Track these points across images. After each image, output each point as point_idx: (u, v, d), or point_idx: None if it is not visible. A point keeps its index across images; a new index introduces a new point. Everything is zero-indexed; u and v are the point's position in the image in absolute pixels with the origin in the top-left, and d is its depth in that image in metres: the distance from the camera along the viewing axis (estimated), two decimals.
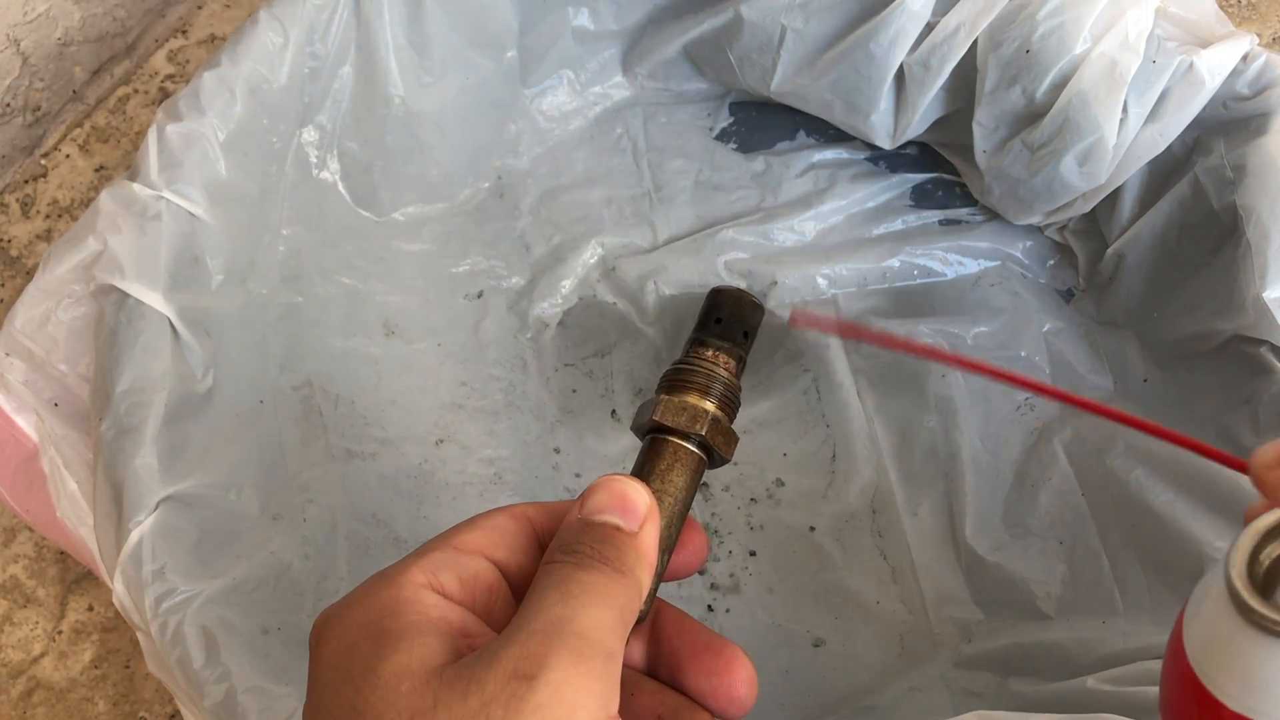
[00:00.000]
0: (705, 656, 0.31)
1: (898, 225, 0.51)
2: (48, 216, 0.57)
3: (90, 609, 0.49)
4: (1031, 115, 0.45)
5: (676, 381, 0.37)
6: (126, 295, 0.40)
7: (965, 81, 0.46)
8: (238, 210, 0.44)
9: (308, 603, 0.41)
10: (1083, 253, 0.49)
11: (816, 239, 0.51)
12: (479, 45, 0.50)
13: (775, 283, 0.49)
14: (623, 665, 0.26)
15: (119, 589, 0.37)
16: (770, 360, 0.49)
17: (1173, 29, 0.42)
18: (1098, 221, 0.48)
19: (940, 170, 0.52)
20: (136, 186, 0.41)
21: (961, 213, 0.51)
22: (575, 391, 0.50)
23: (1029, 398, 0.47)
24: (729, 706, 0.30)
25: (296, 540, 0.42)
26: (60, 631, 0.49)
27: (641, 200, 0.52)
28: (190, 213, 0.42)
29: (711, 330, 0.41)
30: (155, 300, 0.40)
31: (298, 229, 0.48)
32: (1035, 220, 0.49)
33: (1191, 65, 0.41)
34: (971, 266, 0.50)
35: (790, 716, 0.43)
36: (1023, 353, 0.48)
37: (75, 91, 0.58)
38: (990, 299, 0.49)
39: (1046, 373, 0.48)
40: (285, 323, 0.47)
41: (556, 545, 0.28)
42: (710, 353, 0.39)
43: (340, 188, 0.49)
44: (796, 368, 0.49)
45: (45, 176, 0.58)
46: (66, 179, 0.58)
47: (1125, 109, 0.42)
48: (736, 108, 0.54)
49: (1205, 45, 0.42)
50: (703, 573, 0.46)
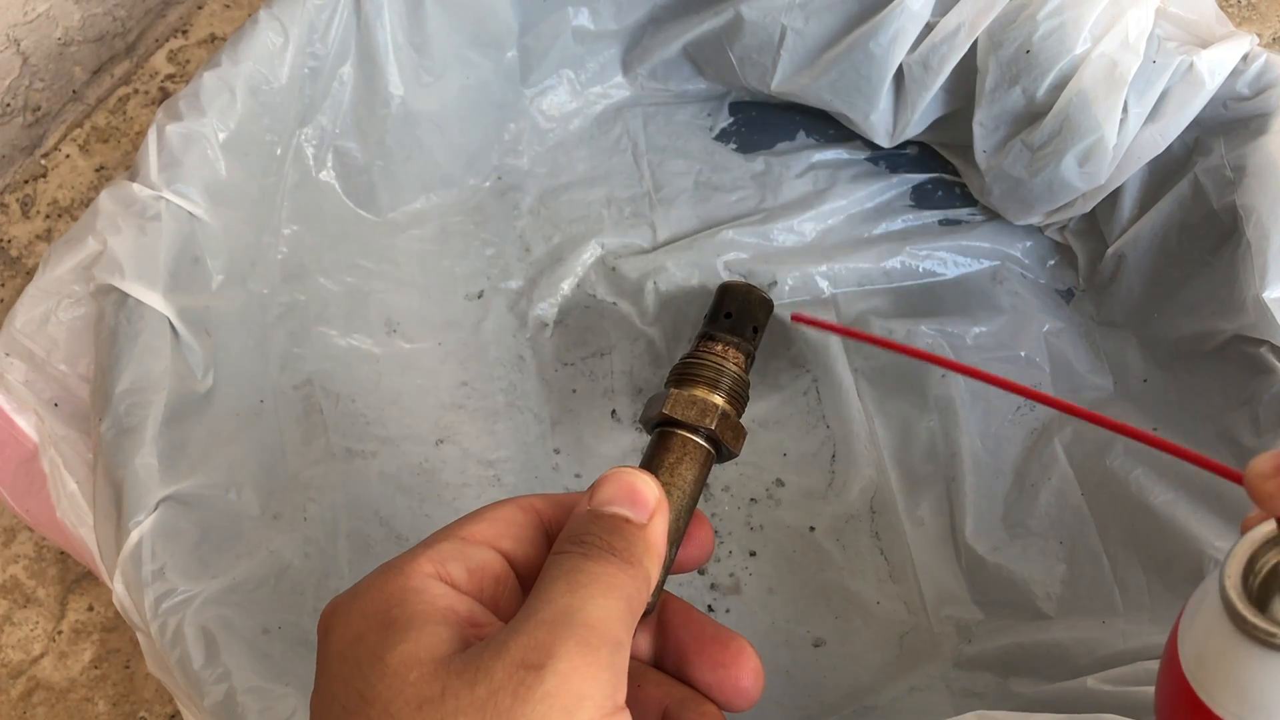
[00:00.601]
0: (712, 648, 0.31)
1: (898, 225, 0.51)
2: (48, 216, 0.57)
3: (90, 609, 0.49)
4: (1032, 115, 0.45)
5: (686, 375, 0.37)
6: (126, 295, 0.40)
7: (965, 81, 0.46)
8: (238, 210, 0.44)
9: (308, 602, 0.41)
10: (1083, 253, 0.49)
11: (816, 239, 0.51)
12: (479, 45, 0.50)
13: (775, 283, 0.49)
14: (630, 657, 0.26)
15: (119, 589, 0.37)
16: (770, 360, 0.49)
17: (1173, 29, 0.42)
18: (1098, 221, 0.48)
19: (940, 170, 0.52)
20: (136, 186, 0.41)
21: (961, 213, 0.51)
22: (575, 391, 0.50)
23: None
24: (735, 698, 0.31)
25: (297, 540, 0.42)
26: (60, 631, 0.49)
27: (641, 200, 0.52)
28: (190, 213, 0.42)
29: (721, 325, 0.41)
30: (155, 300, 0.40)
31: (298, 228, 0.48)
32: (1035, 220, 0.49)
33: (1191, 65, 0.41)
34: (971, 266, 0.50)
35: (790, 716, 0.43)
36: (1023, 353, 0.48)
37: (75, 91, 0.58)
38: (990, 299, 0.49)
39: (1046, 372, 0.48)
40: (286, 322, 0.47)
41: (565, 536, 0.28)
42: (720, 347, 0.39)
43: (340, 188, 0.49)
44: (796, 368, 0.49)
45: (45, 176, 0.58)
46: (66, 179, 0.58)
47: (1125, 109, 0.42)
48: (736, 108, 0.54)
49: (1205, 45, 0.42)
50: (702, 573, 0.46)
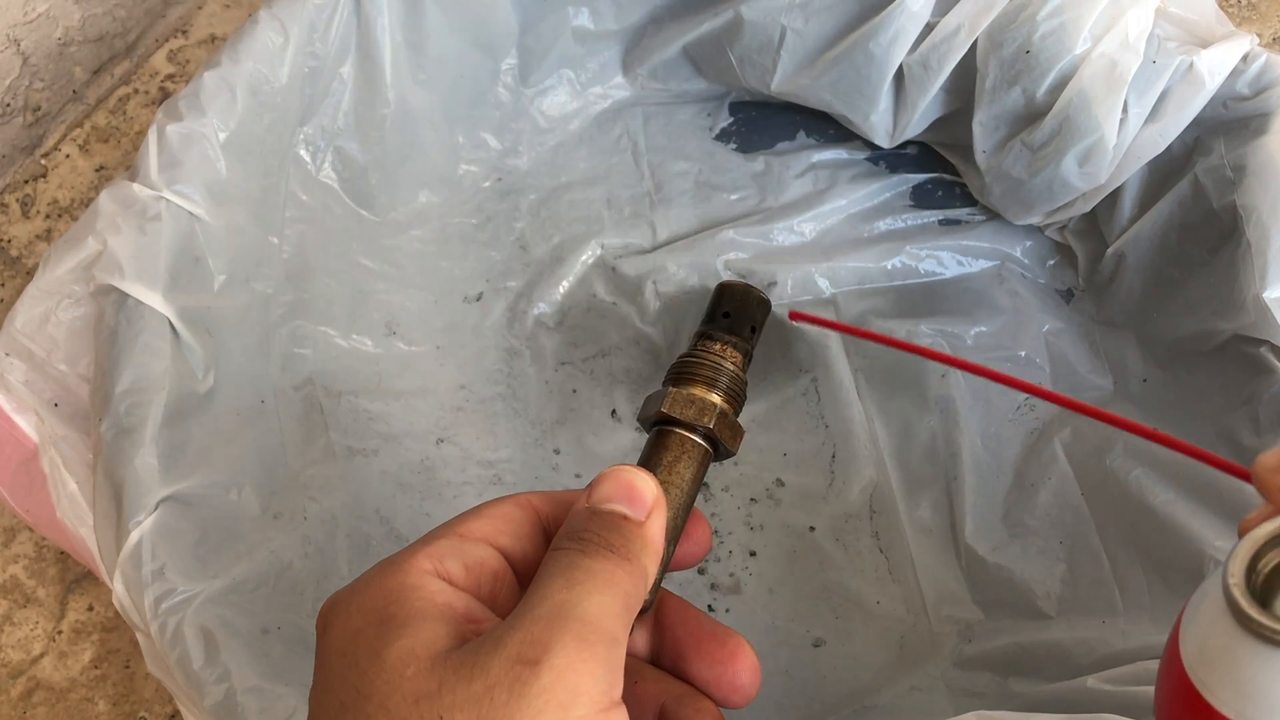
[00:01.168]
0: (709, 645, 0.31)
1: (898, 225, 0.51)
2: (48, 216, 0.57)
3: (90, 609, 0.49)
4: (1031, 115, 0.45)
5: (684, 374, 0.37)
6: (126, 295, 0.40)
7: (965, 81, 0.46)
8: (239, 210, 0.44)
9: (308, 602, 0.41)
10: (1083, 253, 0.49)
11: (816, 239, 0.51)
12: (479, 45, 0.50)
13: (775, 283, 0.49)
14: (627, 654, 0.26)
15: (119, 589, 0.37)
16: (770, 360, 0.49)
17: (1173, 29, 0.42)
18: (1098, 221, 0.48)
19: (940, 170, 0.52)
20: (136, 186, 0.41)
21: (961, 213, 0.51)
22: (575, 391, 0.50)
23: (1029, 398, 0.47)
24: (732, 694, 0.31)
25: (297, 539, 0.42)
26: (60, 631, 0.49)
27: (641, 200, 0.52)
28: (190, 213, 0.42)
29: (719, 324, 0.41)
30: (155, 300, 0.40)
31: (299, 228, 0.48)
32: (1035, 220, 0.49)
33: (1191, 65, 0.41)
34: (971, 266, 0.50)
35: (790, 716, 0.43)
36: (1023, 353, 0.48)
37: (75, 91, 0.58)
38: (990, 299, 0.49)
39: (1046, 372, 0.48)
40: (287, 322, 0.47)
41: (563, 533, 0.28)
42: (718, 346, 0.39)
43: (341, 187, 0.49)
44: (796, 368, 0.49)
45: (45, 176, 0.58)
46: (66, 179, 0.58)
47: (1125, 109, 0.42)
48: (736, 108, 0.54)
49: (1205, 45, 0.42)
50: (702, 572, 0.46)
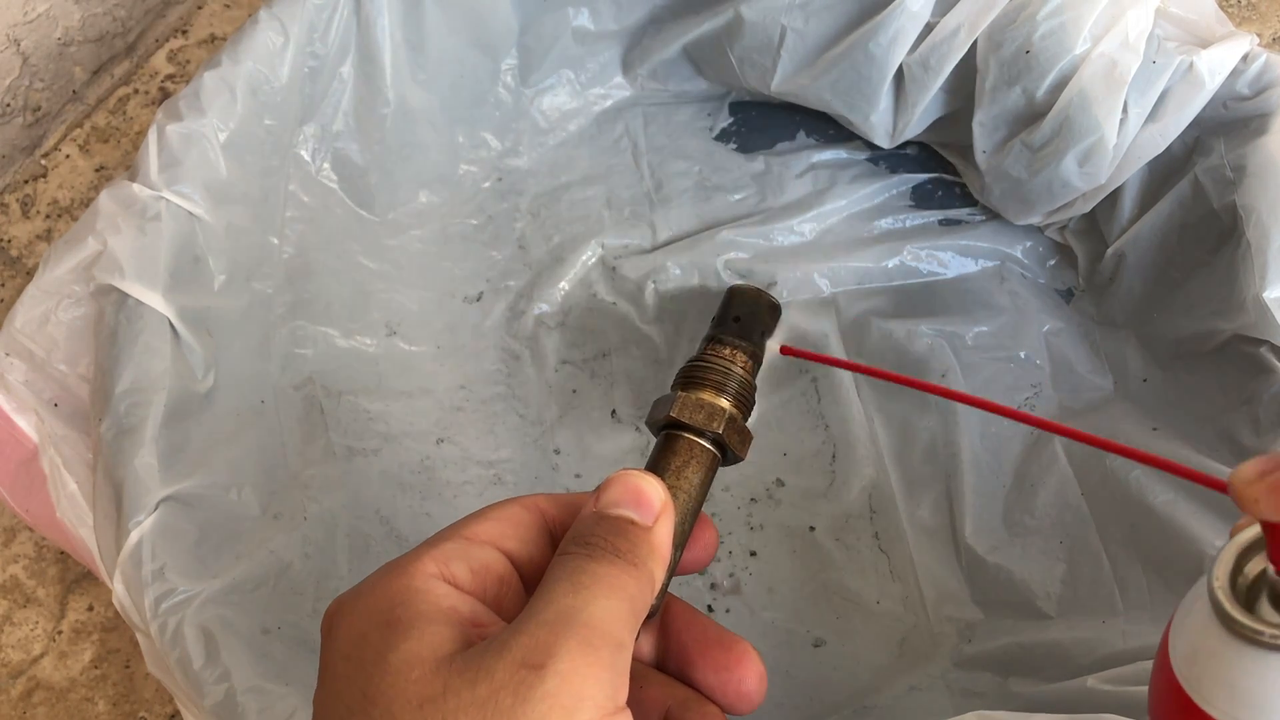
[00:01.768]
0: (715, 651, 0.31)
1: (898, 225, 0.51)
2: (48, 216, 0.57)
3: (90, 609, 0.49)
4: (1032, 115, 0.45)
5: (693, 378, 0.37)
6: (126, 295, 0.40)
7: (965, 81, 0.46)
8: (239, 210, 0.44)
9: (308, 603, 0.41)
10: (1083, 253, 0.49)
11: (816, 239, 0.51)
12: (479, 45, 0.50)
13: (775, 283, 0.49)
14: (632, 659, 0.26)
15: (119, 589, 0.37)
16: (771, 360, 0.49)
17: (1173, 29, 0.42)
18: (1098, 221, 0.48)
19: (940, 170, 0.52)
20: (136, 186, 0.41)
21: (961, 213, 0.51)
22: (575, 391, 0.50)
23: (1029, 398, 0.47)
24: (738, 701, 0.31)
25: (297, 539, 0.42)
26: (60, 631, 0.49)
27: (641, 200, 0.52)
28: (190, 213, 0.42)
29: (729, 328, 0.41)
30: (155, 300, 0.40)
31: (300, 228, 0.48)
32: (1035, 220, 0.49)
33: (1191, 65, 0.41)
34: (971, 266, 0.50)
35: (790, 716, 0.43)
36: (1023, 353, 0.48)
37: (75, 91, 0.58)
38: (990, 299, 0.49)
39: (1047, 372, 0.48)
40: (287, 322, 0.47)
41: (570, 537, 0.28)
42: (727, 350, 0.39)
43: (341, 187, 0.49)
44: (796, 368, 0.49)
45: (45, 176, 0.58)
46: (66, 179, 0.58)
47: (1125, 109, 0.42)
48: (736, 108, 0.54)
49: (1205, 45, 0.42)
50: (703, 573, 0.46)
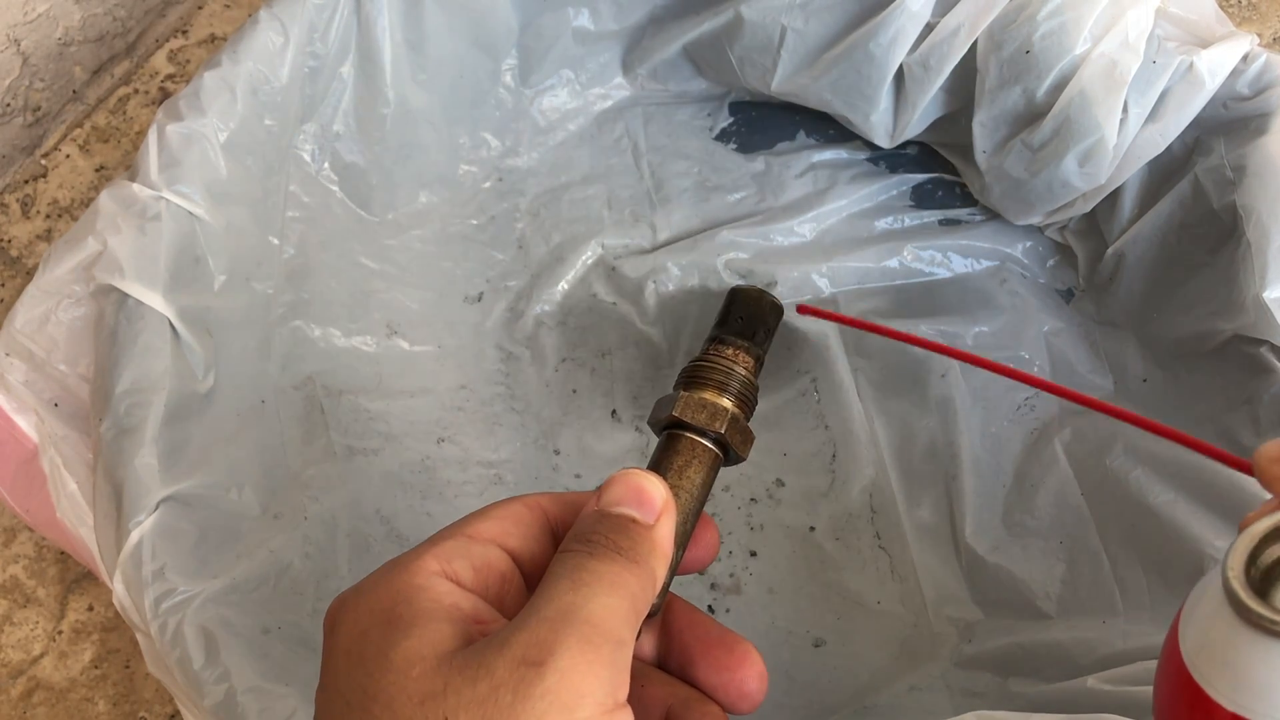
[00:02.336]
0: (717, 651, 0.31)
1: (898, 225, 0.51)
2: (48, 216, 0.57)
3: (90, 609, 0.49)
4: (1032, 115, 0.45)
5: (696, 378, 0.38)
6: (126, 295, 0.40)
7: (965, 81, 0.46)
8: (240, 210, 0.44)
9: (308, 602, 0.41)
10: (1083, 253, 0.49)
11: (816, 239, 0.51)
12: (479, 45, 0.50)
13: (775, 283, 0.49)
14: (634, 657, 0.26)
15: (119, 589, 0.37)
16: (771, 360, 0.49)
17: (1173, 29, 0.42)
18: (1098, 221, 0.48)
19: (940, 170, 0.52)
20: (136, 186, 0.41)
21: (961, 213, 0.51)
22: (575, 391, 0.50)
23: (1029, 398, 0.47)
24: (739, 701, 0.31)
25: (297, 539, 0.42)
26: (60, 631, 0.49)
27: (641, 200, 0.52)
28: (190, 213, 0.42)
29: (732, 328, 0.41)
30: (155, 300, 0.40)
31: (300, 228, 0.48)
32: (1035, 220, 0.49)
33: (1191, 65, 0.41)
34: (971, 266, 0.50)
35: (791, 716, 0.43)
36: (1023, 353, 0.48)
37: (75, 91, 0.58)
38: (990, 299, 0.49)
39: (1047, 372, 0.48)
40: (287, 322, 0.47)
41: (572, 536, 0.28)
42: (730, 351, 0.39)
43: (341, 187, 0.49)
44: (796, 368, 0.49)
45: (45, 176, 0.58)
46: (66, 179, 0.58)
47: (1125, 109, 0.42)
48: (736, 108, 0.54)
49: (1205, 45, 0.42)
50: (703, 572, 0.46)
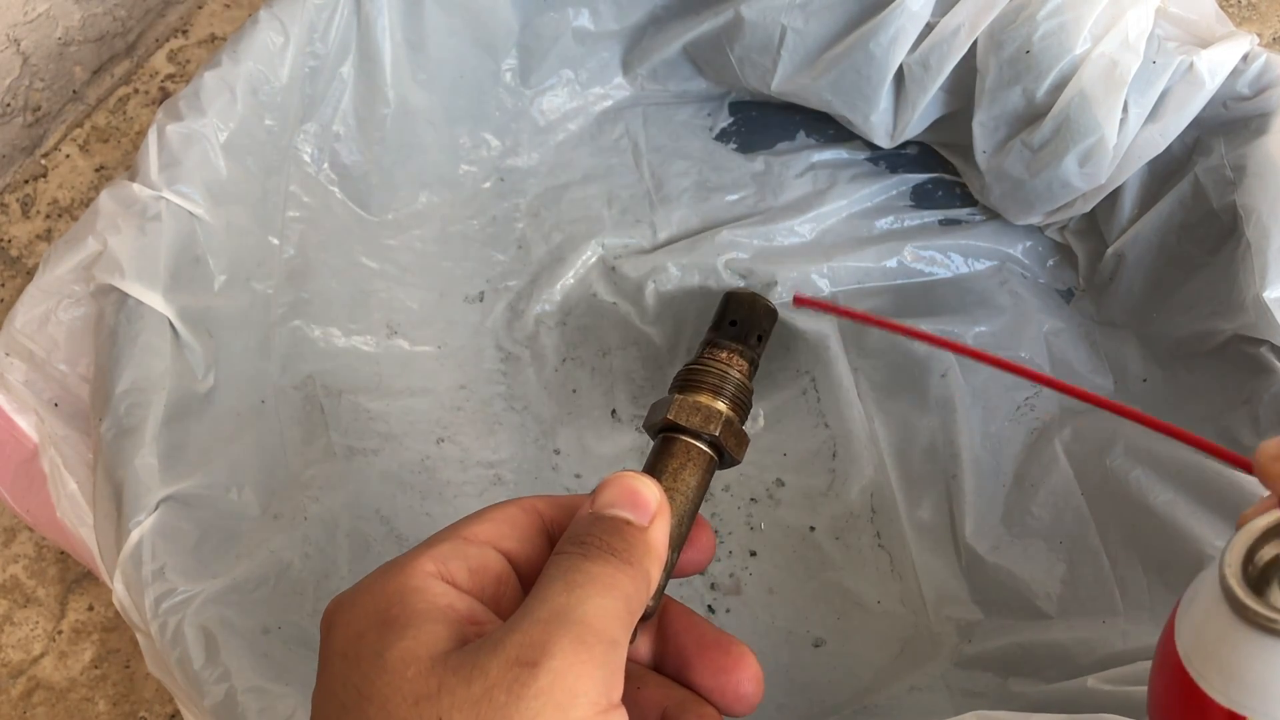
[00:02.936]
0: (713, 653, 0.31)
1: (898, 225, 0.51)
2: (48, 216, 0.57)
3: (90, 609, 0.49)
4: (1032, 115, 0.45)
5: (690, 381, 0.38)
6: (126, 295, 0.40)
7: (965, 81, 0.46)
8: (239, 210, 0.44)
9: (308, 602, 0.41)
10: (1083, 253, 0.49)
11: (816, 239, 0.51)
12: (479, 45, 0.50)
13: (775, 283, 0.49)
14: (629, 659, 0.26)
15: (119, 589, 0.37)
16: (770, 360, 0.49)
17: (1173, 29, 0.42)
18: (1098, 221, 0.48)
19: (940, 170, 0.52)
20: (136, 186, 0.41)
21: (961, 213, 0.51)
22: (575, 391, 0.50)
23: (1029, 397, 0.47)
24: (735, 703, 0.31)
25: (297, 539, 0.42)
26: (60, 631, 0.49)
27: (641, 200, 0.52)
28: (190, 213, 0.42)
29: (726, 332, 0.41)
30: (155, 300, 0.40)
31: (300, 228, 0.48)
32: (1035, 220, 0.49)
33: (1191, 65, 0.41)
34: (971, 266, 0.50)
35: (790, 716, 0.43)
36: (1023, 353, 0.48)
37: (75, 91, 0.58)
38: (990, 299, 0.49)
39: (1047, 372, 0.48)
40: (287, 322, 0.47)
41: (566, 538, 0.28)
42: (724, 354, 0.39)
43: (341, 187, 0.49)
44: (796, 368, 0.49)
45: (45, 176, 0.58)
46: (66, 179, 0.58)
47: (1125, 109, 0.42)
48: (736, 108, 0.54)
49: (1205, 45, 0.42)
50: (703, 573, 0.46)
